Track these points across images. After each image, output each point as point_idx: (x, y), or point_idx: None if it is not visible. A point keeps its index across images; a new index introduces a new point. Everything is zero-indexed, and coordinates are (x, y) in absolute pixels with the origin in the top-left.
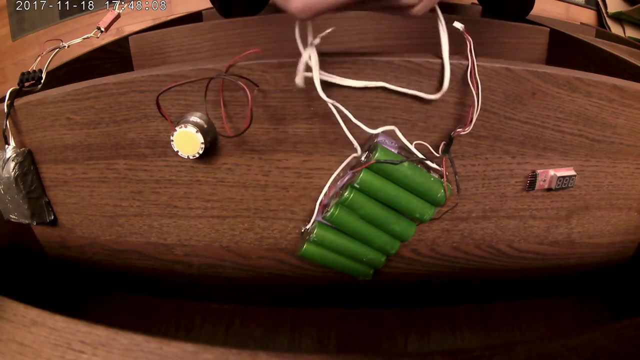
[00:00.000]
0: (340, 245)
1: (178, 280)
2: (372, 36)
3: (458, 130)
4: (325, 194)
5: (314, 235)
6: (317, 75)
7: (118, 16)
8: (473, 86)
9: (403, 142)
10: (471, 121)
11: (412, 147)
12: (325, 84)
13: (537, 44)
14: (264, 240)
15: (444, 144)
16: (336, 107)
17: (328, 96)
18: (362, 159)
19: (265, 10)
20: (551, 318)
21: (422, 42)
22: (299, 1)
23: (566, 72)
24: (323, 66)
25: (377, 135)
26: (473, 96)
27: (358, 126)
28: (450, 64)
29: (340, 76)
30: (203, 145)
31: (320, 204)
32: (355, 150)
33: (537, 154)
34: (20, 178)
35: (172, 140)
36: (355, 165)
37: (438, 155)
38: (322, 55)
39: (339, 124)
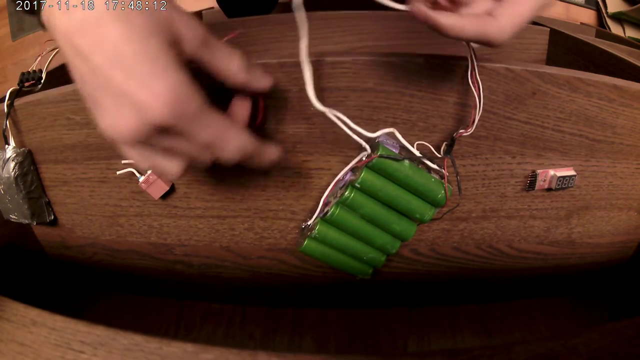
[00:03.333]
0: (341, 243)
1: (178, 280)
2: (372, 36)
3: (460, 131)
4: (329, 190)
5: (316, 232)
6: (310, 87)
7: None
8: (474, 87)
9: (404, 143)
10: (474, 122)
11: (411, 148)
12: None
13: (537, 44)
14: (264, 240)
15: (446, 144)
16: (336, 115)
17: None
18: (363, 158)
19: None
20: (551, 318)
21: (422, 42)
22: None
23: (566, 72)
24: (324, 67)
25: (378, 135)
26: (473, 96)
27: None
28: (450, 63)
29: (341, 76)
30: None
31: (323, 201)
32: (365, 149)
33: (537, 154)
34: (20, 178)
35: None
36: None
37: (440, 156)
38: (322, 55)
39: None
